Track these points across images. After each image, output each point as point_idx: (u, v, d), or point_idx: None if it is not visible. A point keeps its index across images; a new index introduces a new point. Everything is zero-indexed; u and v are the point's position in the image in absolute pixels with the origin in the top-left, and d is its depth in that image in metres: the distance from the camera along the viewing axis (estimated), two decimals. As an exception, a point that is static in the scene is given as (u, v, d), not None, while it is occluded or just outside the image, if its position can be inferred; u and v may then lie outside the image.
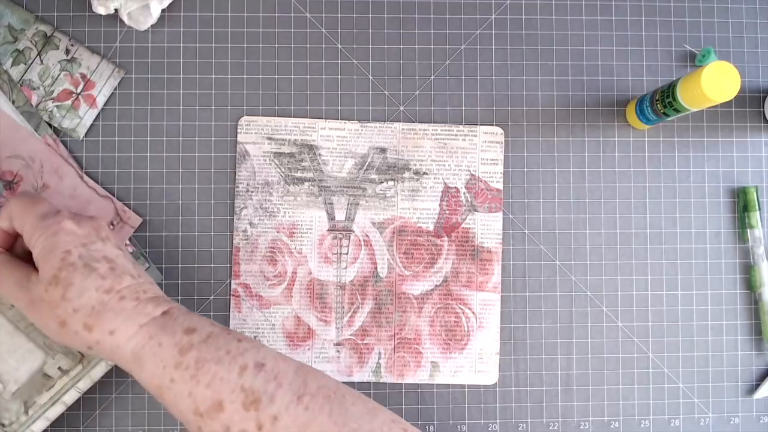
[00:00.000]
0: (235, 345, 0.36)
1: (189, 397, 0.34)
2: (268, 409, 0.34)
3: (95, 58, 0.47)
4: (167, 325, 0.36)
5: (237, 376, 0.34)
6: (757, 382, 0.48)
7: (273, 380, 0.35)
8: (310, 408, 0.34)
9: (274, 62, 0.48)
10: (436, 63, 0.49)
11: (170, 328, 0.36)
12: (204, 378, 0.34)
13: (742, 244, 0.49)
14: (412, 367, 0.47)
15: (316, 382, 0.36)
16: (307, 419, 0.34)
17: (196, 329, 0.36)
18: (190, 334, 0.36)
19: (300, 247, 0.47)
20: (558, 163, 0.49)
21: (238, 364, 0.35)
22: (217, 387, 0.34)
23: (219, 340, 0.36)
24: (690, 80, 0.40)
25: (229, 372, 0.34)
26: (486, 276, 0.48)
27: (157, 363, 0.35)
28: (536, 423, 0.48)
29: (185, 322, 0.36)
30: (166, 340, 0.35)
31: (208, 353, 0.35)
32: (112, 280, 0.36)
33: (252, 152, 0.47)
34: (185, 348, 0.35)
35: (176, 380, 0.34)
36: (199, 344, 0.35)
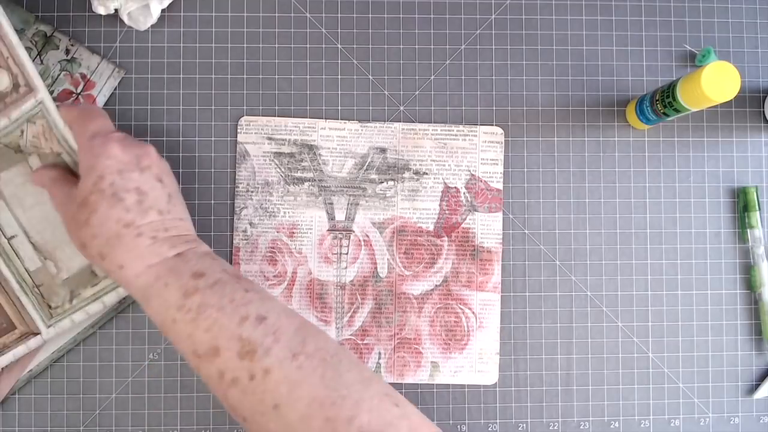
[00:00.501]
0: (241, 294, 0.36)
1: (189, 339, 0.35)
2: (262, 361, 0.34)
3: (95, 58, 0.47)
4: (177, 267, 0.37)
5: (236, 325, 0.35)
6: (757, 382, 0.48)
7: (271, 334, 0.35)
8: (303, 367, 0.34)
9: (274, 62, 0.48)
10: (436, 63, 0.49)
11: (179, 270, 0.36)
12: (204, 323, 0.35)
13: (742, 244, 0.49)
14: (412, 367, 0.47)
15: (315, 343, 0.36)
16: (298, 377, 0.34)
17: (205, 274, 0.36)
18: (197, 279, 0.36)
19: (300, 247, 0.47)
20: (558, 163, 0.49)
21: (239, 314, 0.35)
22: (215, 333, 0.35)
23: (225, 288, 0.36)
24: (690, 80, 0.40)
25: (229, 320, 0.35)
26: (486, 276, 0.48)
27: (162, 302, 0.36)
28: (536, 423, 0.48)
29: (196, 265, 0.37)
30: (172, 281, 0.36)
31: (212, 299, 0.35)
32: (136, 214, 0.37)
33: (252, 152, 0.47)
34: (189, 291, 0.36)
35: (178, 321, 0.35)
36: (204, 289, 0.36)
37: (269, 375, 0.34)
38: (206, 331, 0.35)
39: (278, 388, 0.34)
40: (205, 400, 0.47)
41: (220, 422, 0.46)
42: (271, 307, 0.37)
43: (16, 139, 0.44)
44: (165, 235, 0.37)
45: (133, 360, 0.46)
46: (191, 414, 0.46)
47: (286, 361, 0.34)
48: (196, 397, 0.46)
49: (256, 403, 0.34)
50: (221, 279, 0.37)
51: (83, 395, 0.46)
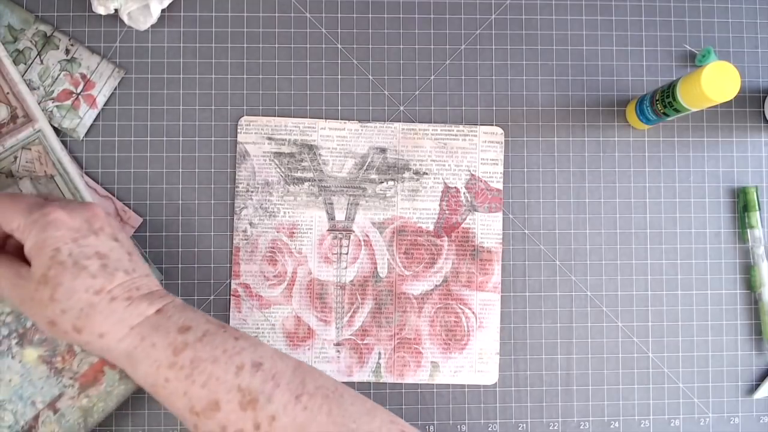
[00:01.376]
0: (232, 343, 0.35)
1: (184, 397, 0.34)
2: (265, 409, 0.33)
3: (95, 58, 0.47)
4: (161, 324, 0.35)
5: (233, 375, 0.34)
6: (757, 382, 0.48)
7: (271, 380, 0.34)
8: (308, 408, 0.34)
9: (274, 62, 0.48)
10: (436, 63, 0.49)
11: (164, 328, 0.35)
12: (200, 378, 0.34)
13: (742, 244, 0.49)
14: (412, 367, 0.47)
15: (314, 381, 0.35)
16: (305, 419, 0.34)
17: (191, 327, 0.35)
18: (184, 333, 0.35)
19: (300, 247, 0.47)
20: (558, 163, 0.49)
21: (234, 363, 0.34)
22: (213, 386, 0.34)
23: (215, 339, 0.35)
24: (690, 80, 0.40)
25: (225, 371, 0.34)
26: (486, 276, 0.48)
27: (151, 363, 0.34)
28: (536, 423, 0.48)
29: (180, 320, 0.36)
30: (159, 340, 0.35)
31: (204, 352, 0.34)
32: (104, 279, 0.35)
33: (252, 152, 0.47)
34: (179, 348, 0.34)
35: (171, 380, 0.34)
36: (194, 343, 0.35)
37: (275, 421, 0.33)
38: (203, 386, 0.34)
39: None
40: (205, 400, 0.47)
41: (220, 422, 0.46)
42: (263, 352, 0.36)
43: (8, 164, 0.44)
44: (138, 293, 0.36)
45: (133, 360, 0.46)
46: (191, 414, 0.46)
47: (290, 405, 0.34)
48: (196, 397, 0.46)
49: None
50: (209, 330, 0.35)
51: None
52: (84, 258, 0.35)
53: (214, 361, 0.34)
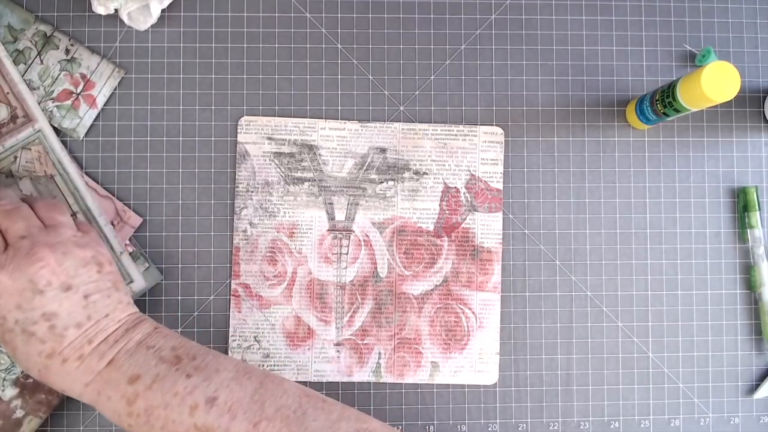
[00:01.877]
0: (183, 384, 0.35)
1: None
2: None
3: (95, 58, 0.47)
4: (111, 378, 0.36)
5: (188, 416, 0.34)
6: (757, 382, 0.48)
7: (227, 413, 0.35)
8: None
9: (274, 62, 0.48)
10: (436, 63, 0.49)
11: (115, 381, 0.36)
12: (157, 423, 0.35)
13: (742, 244, 0.49)
14: (412, 367, 0.47)
15: (274, 403, 0.35)
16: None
17: (140, 376, 0.35)
18: (134, 383, 0.35)
19: (300, 247, 0.47)
20: (558, 163, 0.49)
21: (187, 404, 0.35)
22: (171, 428, 0.34)
23: (165, 384, 0.35)
24: (690, 80, 0.40)
25: (180, 414, 0.35)
26: (486, 276, 0.48)
27: (111, 413, 0.36)
28: (536, 423, 0.48)
29: (129, 369, 0.36)
30: (112, 393, 0.35)
31: (155, 399, 0.35)
32: (53, 342, 0.35)
33: (252, 152, 0.47)
34: (131, 399, 0.35)
35: (133, 426, 0.35)
36: (145, 392, 0.35)
37: None
38: (162, 429, 0.35)
39: None
40: (205, 400, 0.47)
41: (220, 422, 0.46)
42: (219, 382, 0.36)
43: (8, 164, 0.44)
44: (90, 348, 0.36)
45: (133, 360, 0.46)
46: (191, 414, 0.46)
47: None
48: (196, 397, 0.46)
49: None
50: (159, 374, 0.35)
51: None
52: (30, 324, 0.35)
53: (166, 407, 0.35)
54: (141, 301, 0.47)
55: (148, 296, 0.47)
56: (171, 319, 0.47)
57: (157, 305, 0.47)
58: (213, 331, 0.47)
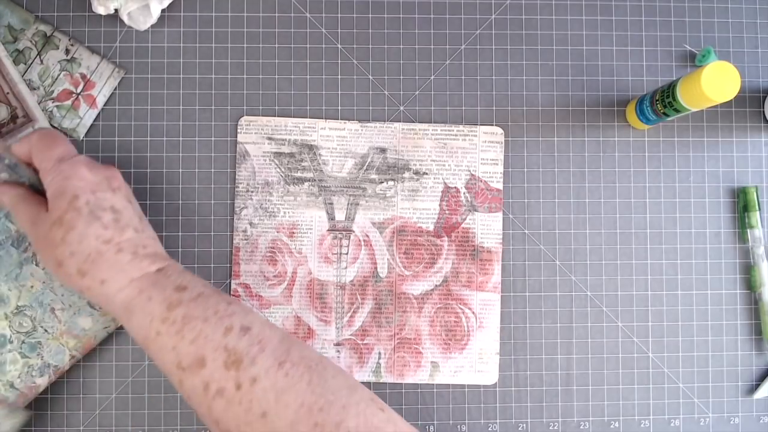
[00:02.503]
0: (224, 306, 0.36)
1: (173, 351, 0.35)
2: (248, 371, 0.34)
3: (95, 58, 0.47)
4: (159, 281, 0.37)
5: (221, 335, 0.35)
6: (757, 382, 0.48)
7: (257, 344, 0.35)
8: (289, 374, 0.35)
9: (274, 62, 0.48)
10: (436, 63, 0.49)
11: (162, 284, 0.37)
12: (189, 334, 0.35)
13: (742, 244, 0.49)
14: (412, 367, 0.47)
15: (299, 351, 0.36)
16: (285, 385, 0.34)
17: (188, 287, 0.37)
18: (180, 292, 0.36)
19: (300, 247, 0.47)
20: (558, 163, 0.49)
21: (224, 324, 0.36)
22: (201, 344, 0.35)
23: (209, 300, 0.36)
24: (690, 80, 0.40)
25: (214, 331, 0.35)
26: (486, 276, 0.48)
27: (145, 316, 0.36)
28: (536, 423, 0.48)
29: (178, 279, 0.37)
30: (156, 294, 0.36)
31: (196, 311, 0.36)
32: (114, 231, 0.37)
33: (252, 152, 0.47)
34: (173, 304, 0.36)
35: (162, 333, 0.35)
36: (188, 302, 0.36)
37: (256, 383, 0.34)
38: (191, 342, 0.35)
39: (266, 395, 0.34)
40: (205, 400, 0.47)
41: (220, 422, 0.46)
42: (254, 318, 0.37)
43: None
44: (144, 251, 0.38)
45: (133, 360, 0.46)
46: (191, 414, 0.46)
47: (272, 369, 0.35)
48: (196, 397, 0.46)
49: (242, 413, 0.34)
50: (204, 292, 0.37)
51: (83, 395, 0.46)
52: (99, 209, 0.37)
53: (204, 320, 0.36)
54: (141, 301, 0.47)
55: (148, 296, 0.47)
56: (171, 319, 0.47)
57: (157, 305, 0.47)
58: (213, 331, 0.47)
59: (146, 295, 0.36)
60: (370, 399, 0.36)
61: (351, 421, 0.34)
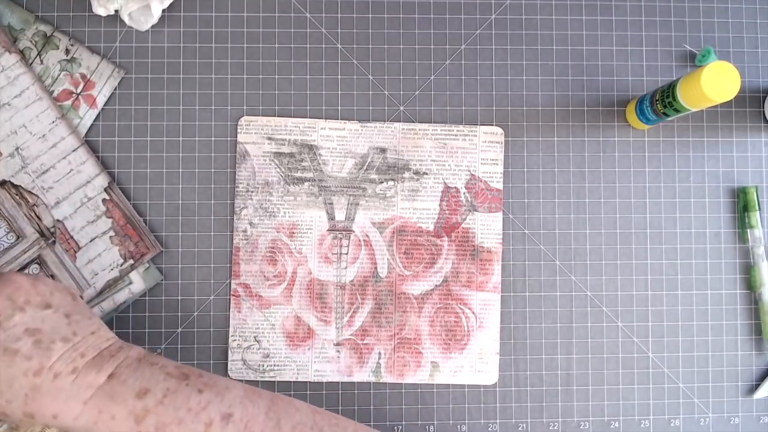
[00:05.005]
0: (196, 399, 0.33)
1: None
2: None
3: (95, 58, 0.47)
4: (116, 392, 0.33)
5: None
6: (757, 382, 0.48)
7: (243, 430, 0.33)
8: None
9: (274, 62, 0.48)
10: (436, 63, 0.49)
11: (120, 396, 0.33)
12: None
13: (742, 244, 0.49)
14: (412, 367, 0.47)
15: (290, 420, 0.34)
16: None
17: (150, 390, 0.33)
18: (143, 398, 0.33)
19: (300, 247, 0.47)
20: (558, 163, 0.49)
21: (202, 421, 0.33)
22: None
23: (177, 398, 0.33)
24: (690, 80, 0.40)
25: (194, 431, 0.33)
26: (486, 276, 0.48)
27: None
28: (536, 423, 0.48)
29: (136, 383, 0.33)
30: (117, 410, 0.32)
31: (167, 416, 0.33)
32: (40, 357, 0.32)
33: (252, 152, 0.47)
34: (140, 416, 0.32)
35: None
36: (156, 407, 0.33)
37: None
38: None
39: None
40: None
41: (220, 422, 0.46)
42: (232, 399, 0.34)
43: None
44: (84, 361, 0.33)
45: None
46: (191, 414, 0.46)
47: None
48: (196, 397, 0.46)
49: None
50: (169, 388, 0.33)
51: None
52: (13, 341, 0.32)
53: (179, 423, 0.33)
54: (141, 301, 0.47)
55: (148, 296, 0.47)
56: (171, 319, 0.47)
57: (157, 305, 0.47)
58: (213, 331, 0.47)
59: (107, 414, 0.32)
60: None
61: None
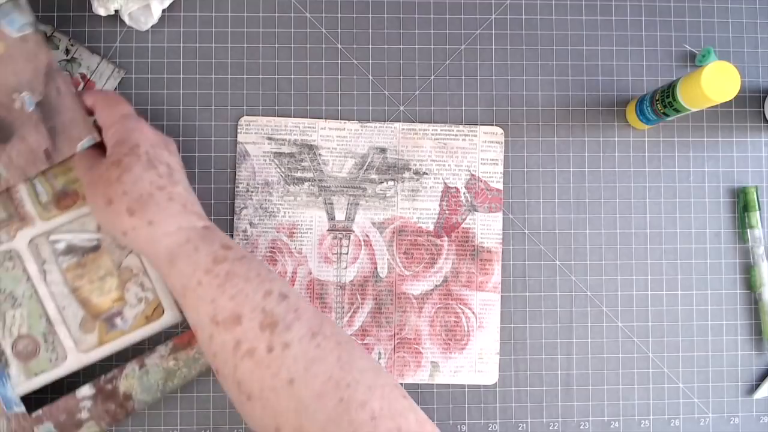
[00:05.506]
0: (266, 271, 0.37)
1: (211, 304, 0.35)
2: (282, 336, 0.35)
3: (95, 58, 0.47)
4: (207, 236, 0.37)
5: (261, 297, 0.35)
6: (757, 382, 0.48)
7: (293, 311, 0.36)
8: (321, 346, 0.35)
9: (274, 62, 0.48)
10: (436, 63, 0.49)
11: (209, 239, 0.37)
12: (230, 290, 0.35)
13: (742, 244, 0.49)
14: (412, 367, 0.47)
15: (331, 327, 0.36)
16: (316, 355, 0.35)
17: (233, 248, 0.37)
18: (226, 249, 0.37)
19: (300, 247, 0.47)
20: (558, 163, 0.49)
21: (264, 287, 0.36)
22: (240, 301, 0.35)
23: (252, 263, 0.37)
24: (690, 80, 0.41)
25: (255, 292, 0.36)
26: (486, 276, 0.48)
27: (190, 264, 0.36)
28: (536, 423, 0.48)
29: (224, 239, 0.38)
30: (203, 246, 0.37)
31: (240, 270, 0.36)
32: (167, 181, 0.38)
33: (252, 152, 0.47)
34: (219, 259, 0.36)
35: (203, 284, 0.36)
36: (233, 260, 0.36)
37: (288, 349, 0.34)
38: (231, 298, 0.35)
39: (296, 363, 0.34)
40: (205, 400, 0.47)
41: (220, 422, 0.46)
42: (292, 290, 0.37)
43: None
44: (192, 208, 0.39)
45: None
46: (191, 414, 0.46)
47: (305, 338, 0.35)
48: (195, 397, 0.46)
49: (269, 377, 0.34)
50: (247, 256, 0.38)
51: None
52: (157, 160, 0.38)
53: (246, 280, 0.36)
54: (141, 301, 0.47)
55: (148, 296, 0.47)
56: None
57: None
58: (213, 331, 0.47)
59: (193, 245, 0.37)
60: (394, 385, 0.36)
61: (375, 403, 0.34)
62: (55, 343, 0.42)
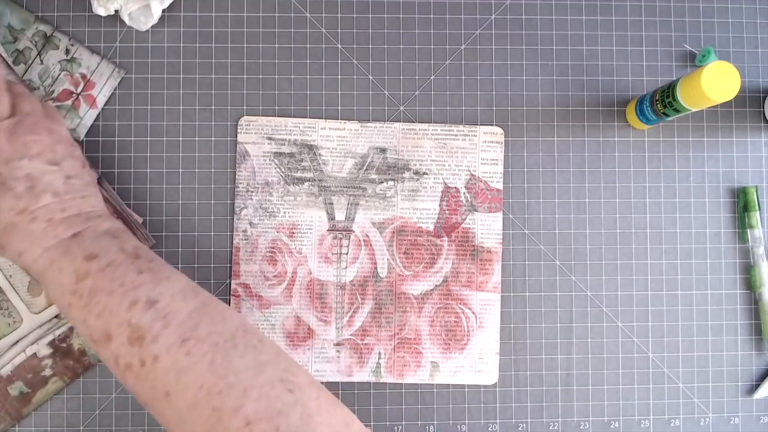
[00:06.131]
0: (132, 277, 0.35)
1: (84, 324, 0.35)
2: (150, 348, 0.34)
3: (95, 58, 0.47)
4: (70, 249, 0.36)
5: (126, 310, 0.34)
6: (757, 382, 0.48)
7: (161, 319, 0.34)
8: (191, 353, 0.34)
9: (274, 62, 0.48)
10: (436, 63, 0.49)
11: (72, 253, 0.36)
12: (95, 308, 0.35)
13: (742, 244, 0.49)
14: (412, 367, 0.47)
15: (209, 326, 0.35)
16: (185, 364, 0.33)
17: (98, 256, 0.36)
18: (89, 261, 0.35)
19: (300, 247, 0.47)
20: (558, 163, 0.49)
21: (129, 298, 0.35)
22: (106, 318, 0.34)
23: (116, 271, 0.35)
24: (690, 80, 0.40)
25: (119, 305, 0.34)
26: (486, 276, 0.48)
27: (58, 287, 0.36)
28: (536, 423, 0.48)
29: (90, 246, 0.36)
30: (66, 265, 0.35)
31: (102, 283, 0.35)
32: (28, 200, 0.36)
33: (252, 152, 0.47)
34: (81, 275, 0.35)
35: (73, 306, 0.35)
36: (96, 273, 0.35)
37: (158, 362, 0.34)
38: (98, 316, 0.34)
39: (167, 375, 0.33)
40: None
41: (220, 422, 0.46)
42: (164, 289, 0.35)
43: None
44: (61, 216, 0.37)
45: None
46: (191, 414, 0.46)
47: (173, 347, 0.34)
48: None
49: (149, 390, 0.34)
50: (114, 261, 0.36)
51: (83, 395, 0.46)
52: (12, 180, 0.36)
53: (110, 293, 0.35)
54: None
55: (148, 296, 0.47)
56: (171, 319, 0.47)
57: (157, 305, 0.47)
58: (213, 331, 0.47)
59: (57, 267, 0.36)
60: (279, 380, 0.34)
61: (250, 407, 0.32)
62: (9, 309, 0.45)
